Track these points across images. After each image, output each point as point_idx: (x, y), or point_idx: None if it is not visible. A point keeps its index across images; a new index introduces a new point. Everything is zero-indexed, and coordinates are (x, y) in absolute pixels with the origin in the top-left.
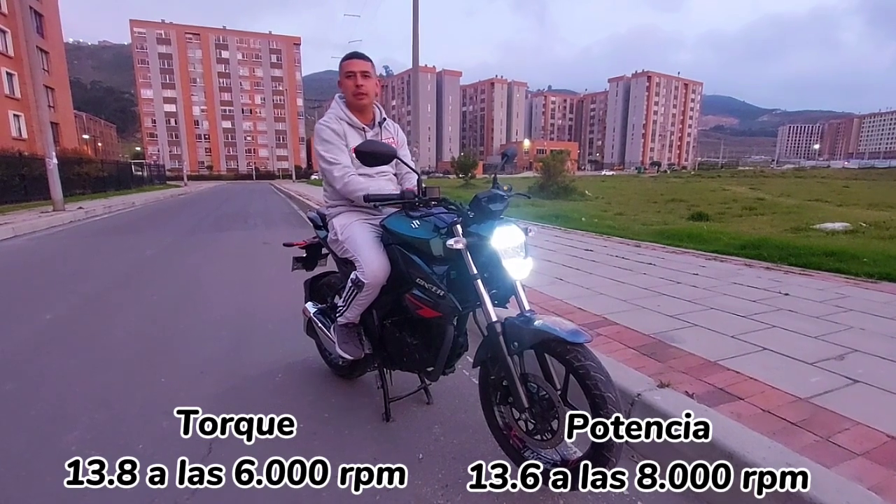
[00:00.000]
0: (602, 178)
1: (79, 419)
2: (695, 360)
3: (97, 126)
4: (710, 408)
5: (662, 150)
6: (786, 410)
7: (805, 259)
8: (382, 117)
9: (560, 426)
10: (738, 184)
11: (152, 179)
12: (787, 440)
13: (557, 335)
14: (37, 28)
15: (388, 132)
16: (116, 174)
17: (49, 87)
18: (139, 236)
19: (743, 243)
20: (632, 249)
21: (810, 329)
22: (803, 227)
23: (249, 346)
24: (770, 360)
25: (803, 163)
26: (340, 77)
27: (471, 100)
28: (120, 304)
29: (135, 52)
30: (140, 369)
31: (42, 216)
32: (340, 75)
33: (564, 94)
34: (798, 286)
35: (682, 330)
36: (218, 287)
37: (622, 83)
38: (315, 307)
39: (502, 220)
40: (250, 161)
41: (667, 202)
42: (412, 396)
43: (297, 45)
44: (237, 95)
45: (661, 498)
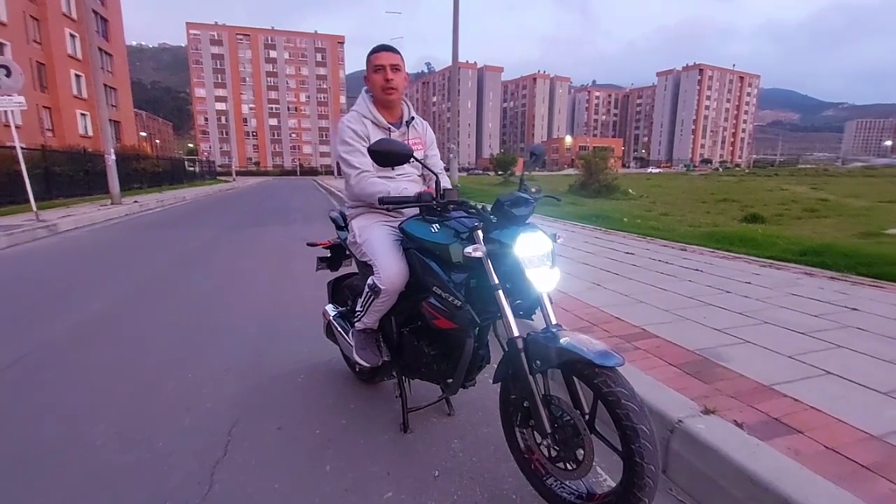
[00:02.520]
0: (647, 176)
1: (107, 412)
2: (745, 384)
3: (155, 124)
4: (763, 441)
5: (714, 146)
6: (855, 450)
7: (877, 269)
8: (411, 115)
9: (586, 456)
10: (797, 183)
11: (203, 174)
12: (858, 488)
13: (584, 356)
14: (101, 32)
15: (415, 131)
16: (171, 169)
17: (111, 87)
18: (185, 230)
19: (803, 249)
20: (677, 253)
21: (884, 352)
22: (875, 233)
23: (276, 344)
24: (835, 386)
25: (874, 161)
26: (368, 72)
27: (512, 95)
28: (159, 297)
29: (190, 53)
30: (171, 364)
31: (101, 209)
32: (368, 70)
33: (609, 89)
34: (869, 300)
35: (731, 347)
36: (252, 282)
37: (671, 77)
38: (335, 310)
39: (528, 225)
40: (295, 157)
41: (717, 202)
42: (433, 406)
43: (341, 43)
44: (283, 94)
45: None
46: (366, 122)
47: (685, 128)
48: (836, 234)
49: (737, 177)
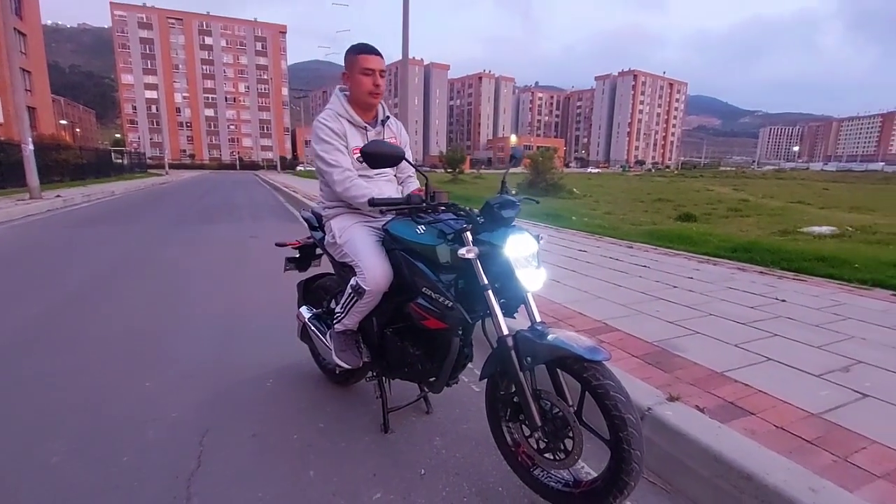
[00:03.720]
0: (588, 176)
1: (62, 427)
2: (701, 371)
3: (76, 111)
4: (724, 424)
5: (647, 148)
6: (800, 427)
7: (797, 264)
8: (386, 115)
9: (575, 446)
10: (721, 184)
11: (133, 167)
12: (806, 460)
13: (575, 352)
14: (15, 9)
15: (390, 131)
16: (96, 161)
17: (26, 71)
18: (121, 227)
19: (734, 246)
20: (625, 251)
21: (812, 338)
22: (791, 231)
23: (239, 348)
24: (777, 371)
25: (783, 164)
26: (353, 71)
27: (458, 94)
28: (102, 301)
29: (115, 35)
30: (125, 372)
31: (18, 204)
32: (353, 69)
33: (551, 91)
34: (794, 292)
35: (684, 338)
36: (204, 283)
37: (608, 81)
38: (310, 312)
39: (514, 227)
40: (234, 150)
41: (653, 202)
42: (411, 406)
43: (283, 33)
44: (221, 83)
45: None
46: (342, 120)
47: (621, 130)
48: (759, 231)
49: (667, 178)
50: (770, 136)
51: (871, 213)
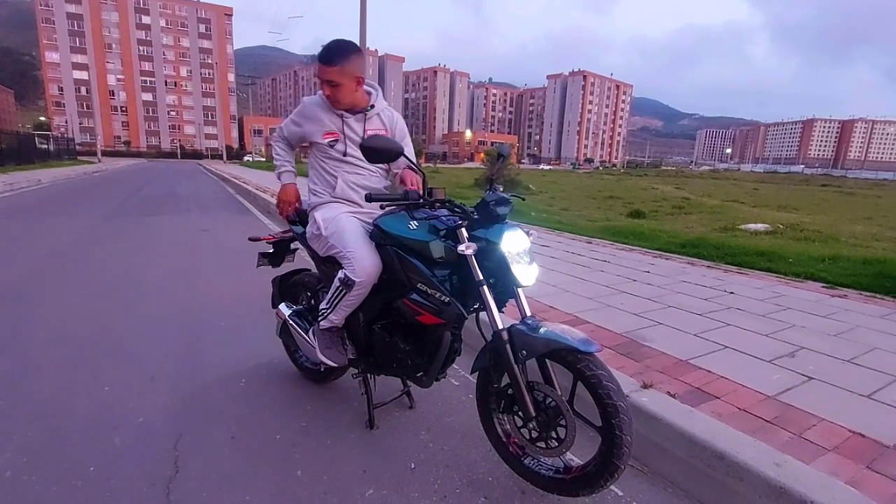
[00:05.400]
0: (542, 173)
1: (8, 439)
2: (668, 360)
3: None
4: (694, 408)
5: (595, 147)
6: (759, 408)
7: (740, 258)
8: (371, 104)
9: (568, 434)
10: (664, 183)
11: (60, 154)
12: (768, 438)
13: (569, 344)
14: None
15: (378, 122)
16: (17, 146)
17: None
18: (53, 219)
19: (682, 242)
20: (585, 246)
21: (760, 327)
22: (730, 227)
23: (203, 347)
24: (733, 358)
25: (717, 165)
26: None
27: (413, 87)
28: (39, 300)
29: (38, 9)
30: (76, 377)
31: None
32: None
33: (505, 88)
34: (739, 285)
35: (649, 329)
36: (155, 280)
37: (559, 80)
38: (290, 309)
39: (508, 223)
40: (175, 138)
41: (605, 199)
42: (394, 401)
43: (229, 15)
44: (160, 66)
45: (655, 498)
46: (322, 104)
47: (571, 128)
48: (701, 228)
49: (615, 176)
50: (706, 138)
51: (797, 211)
